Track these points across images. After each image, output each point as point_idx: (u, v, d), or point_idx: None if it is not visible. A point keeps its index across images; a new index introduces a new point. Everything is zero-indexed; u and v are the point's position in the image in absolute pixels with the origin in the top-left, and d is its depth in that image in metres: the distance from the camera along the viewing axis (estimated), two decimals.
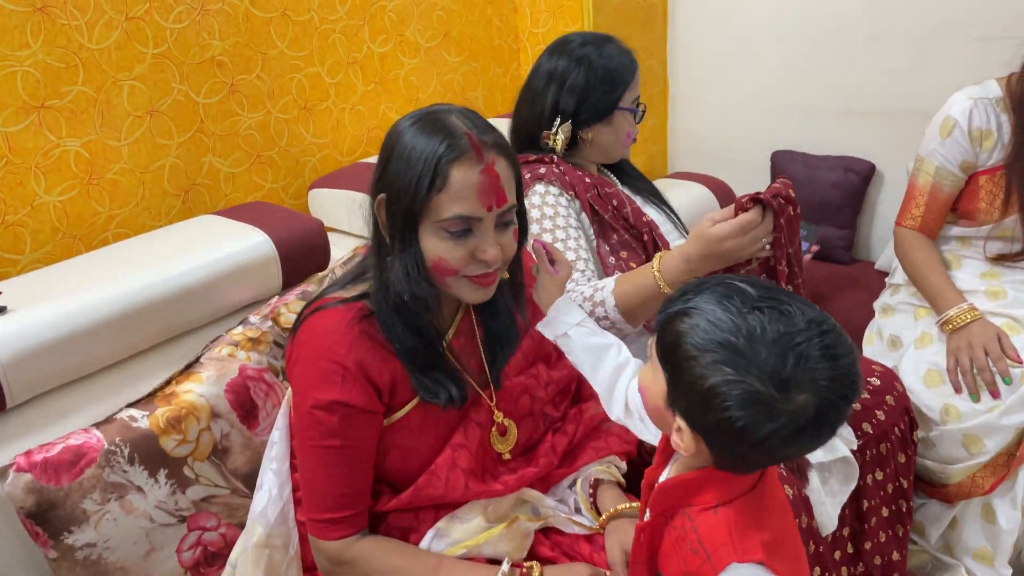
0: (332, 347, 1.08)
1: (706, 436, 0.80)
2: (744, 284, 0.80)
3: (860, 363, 0.78)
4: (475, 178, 1.04)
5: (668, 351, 0.81)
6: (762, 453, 0.78)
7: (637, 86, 1.60)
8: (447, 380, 1.14)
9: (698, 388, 0.76)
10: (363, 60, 2.18)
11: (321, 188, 2.00)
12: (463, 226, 1.05)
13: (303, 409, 1.10)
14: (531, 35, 2.61)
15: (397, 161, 1.05)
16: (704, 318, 0.77)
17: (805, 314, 0.77)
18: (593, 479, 1.29)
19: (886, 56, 2.27)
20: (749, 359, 0.74)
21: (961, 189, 1.79)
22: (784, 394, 0.73)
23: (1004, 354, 1.60)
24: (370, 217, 1.12)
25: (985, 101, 1.72)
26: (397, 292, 1.07)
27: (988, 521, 1.64)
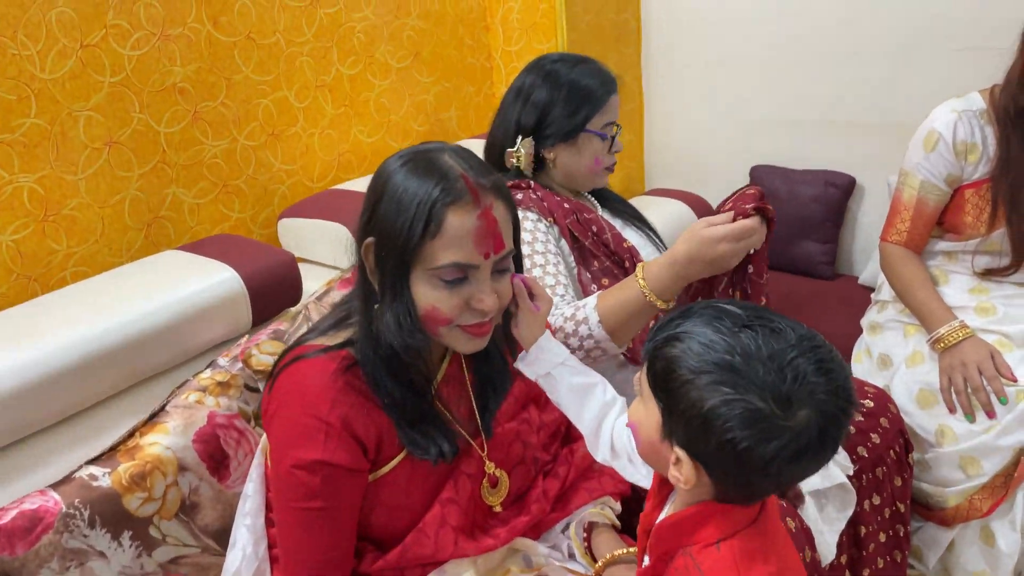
0: (314, 402, 1.01)
1: (707, 464, 0.77)
2: (731, 306, 0.79)
3: (851, 380, 0.77)
4: (472, 224, 0.97)
5: (661, 378, 0.79)
6: (766, 476, 0.75)
7: (612, 112, 1.52)
8: (438, 434, 1.07)
9: (696, 412, 0.74)
10: (332, 83, 2.12)
11: (291, 217, 1.93)
12: (458, 274, 0.99)
13: (282, 468, 1.03)
14: (504, 54, 2.57)
15: (388, 203, 0.98)
16: (696, 340, 0.76)
17: (796, 331, 0.76)
18: (587, 522, 1.23)
19: (865, 68, 2.25)
20: (747, 377, 0.73)
21: (947, 203, 1.76)
22: (785, 410, 0.72)
23: (998, 372, 1.56)
24: (356, 261, 1.05)
25: (969, 113, 1.70)
26: (388, 344, 1.00)
27: (987, 544, 1.60)
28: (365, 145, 2.24)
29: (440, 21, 2.39)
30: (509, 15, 2.51)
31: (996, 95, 1.68)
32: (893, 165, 1.86)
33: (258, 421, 1.33)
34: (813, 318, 2.12)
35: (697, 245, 1.22)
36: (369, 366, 1.03)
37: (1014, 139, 1.63)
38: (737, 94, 2.52)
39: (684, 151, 2.72)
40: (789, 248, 2.40)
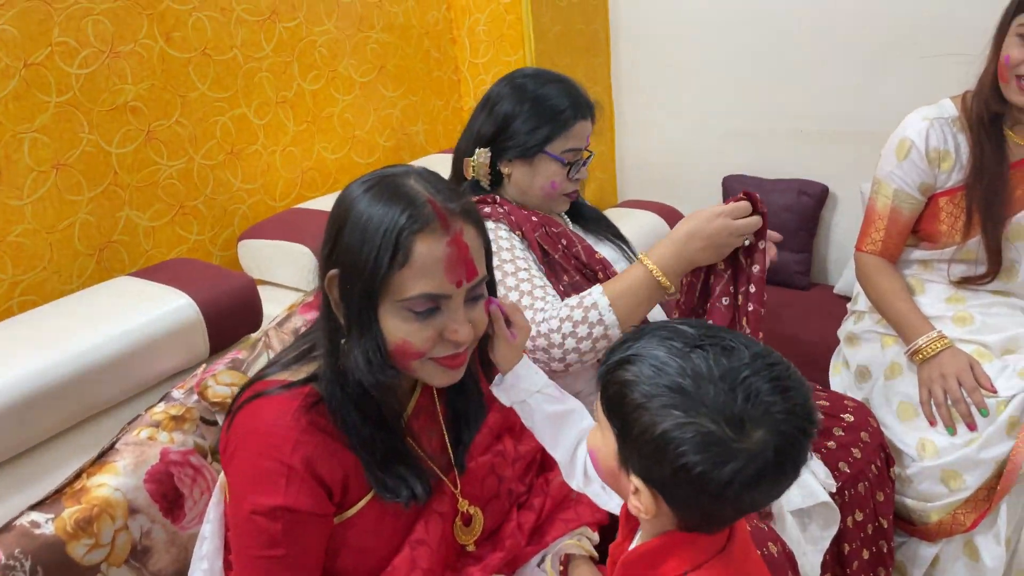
0: (276, 444, 0.95)
1: (664, 491, 0.75)
2: (683, 326, 0.78)
3: (813, 396, 0.76)
4: (441, 251, 0.92)
5: (614, 403, 0.77)
6: (725, 501, 0.73)
7: (577, 138, 1.45)
8: (410, 475, 1.01)
9: (649, 437, 0.72)
10: (293, 99, 2.06)
11: (252, 239, 1.87)
12: (430, 305, 0.93)
13: (241, 514, 0.96)
14: (471, 66, 2.52)
15: (351, 232, 0.92)
16: (647, 363, 0.74)
17: (750, 348, 0.74)
18: (564, 554, 1.18)
19: (835, 77, 2.23)
20: (698, 399, 0.71)
21: (921, 211, 1.74)
22: (739, 432, 0.70)
23: (978, 384, 1.54)
24: (320, 293, 0.99)
25: (941, 121, 1.68)
26: (356, 381, 0.95)
27: (971, 559, 1.57)
28: (329, 162, 2.18)
29: (405, 34, 2.34)
30: (476, 27, 2.47)
31: (968, 102, 1.66)
32: (866, 173, 1.83)
33: (215, 456, 1.27)
34: (789, 328, 2.09)
35: (695, 221, 1.26)
36: (336, 404, 0.97)
37: (987, 146, 1.61)
38: (708, 104, 2.50)
39: (656, 162, 2.69)
40: None
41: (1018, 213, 1.62)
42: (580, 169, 1.48)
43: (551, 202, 1.50)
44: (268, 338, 1.43)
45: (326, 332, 0.99)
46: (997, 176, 1.60)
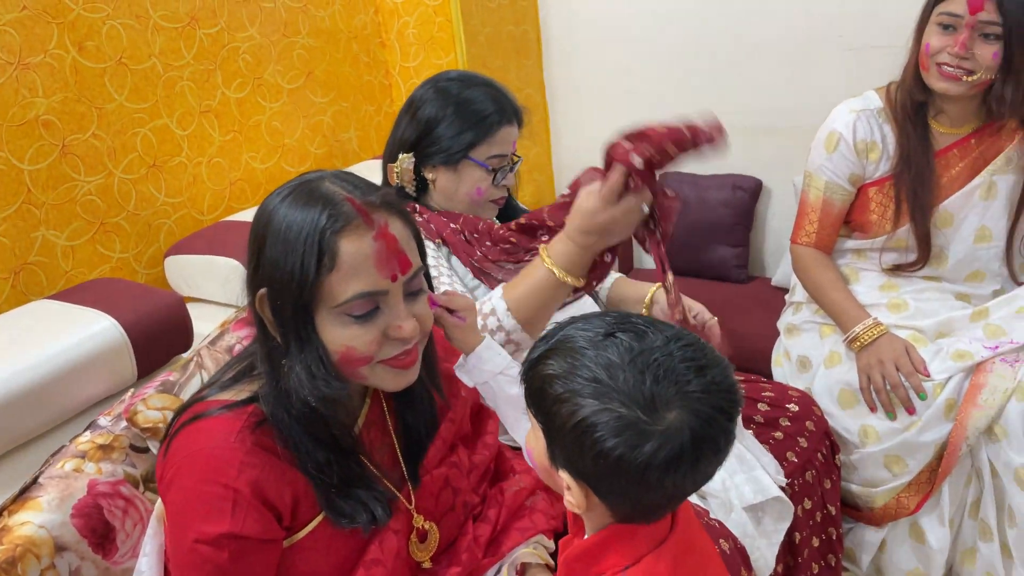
0: (219, 468, 0.89)
1: (591, 482, 0.76)
2: (599, 317, 0.80)
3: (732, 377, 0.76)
4: (369, 247, 0.88)
5: (536, 399, 0.78)
6: (648, 487, 0.73)
7: (502, 144, 1.42)
8: (368, 497, 0.97)
9: (569, 428, 0.74)
10: (218, 108, 1.99)
11: (179, 254, 1.80)
12: (368, 306, 0.89)
13: (184, 544, 0.90)
14: (403, 70, 2.48)
15: (273, 245, 0.88)
16: (564, 357, 0.76)
17: (663, 332, 0.76)
18: (520, 563, 1.16)
19: (764, 72, 2.27)
20: (611, 386, 0.72)
21: (852, 202, 1.77)
22: (651, 414, 0.71)
23: (914, 368, 1.57)
24: (253, 317, 0.94)
25: (868, 113, 1.71)
26: (302, 400, 0.90)
27: (917, 541, 1.60)
28: (259, 172, 2.12)
29: (332, 39, 2.29)
30: (405, 30, 2.43)
31: (892, 93, 1.70)
32: (798, 166, 1.86)
33: (147, 485, 1.20)
34: (730, 322, 2.10)
35: (580, 218, 1.18)
36: (284, 428, 0.92)
37: (912, 135, 1.65)
38: (641, 102, 2.51)
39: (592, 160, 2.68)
40: (702, 253, 2.40)
41: (945, 200, 1.67)
42: (506, 175, 1.45)
43: (477, 208, 1.47)
44: (200, 358, 1.37)
45: (264, 354, 0.94)
46: (923, 165, 1.64)
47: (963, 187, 1.66)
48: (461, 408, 1.16)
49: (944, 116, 1.66)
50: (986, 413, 1.50)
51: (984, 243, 1.68)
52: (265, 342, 0.93)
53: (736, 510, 1.35)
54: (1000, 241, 1.68)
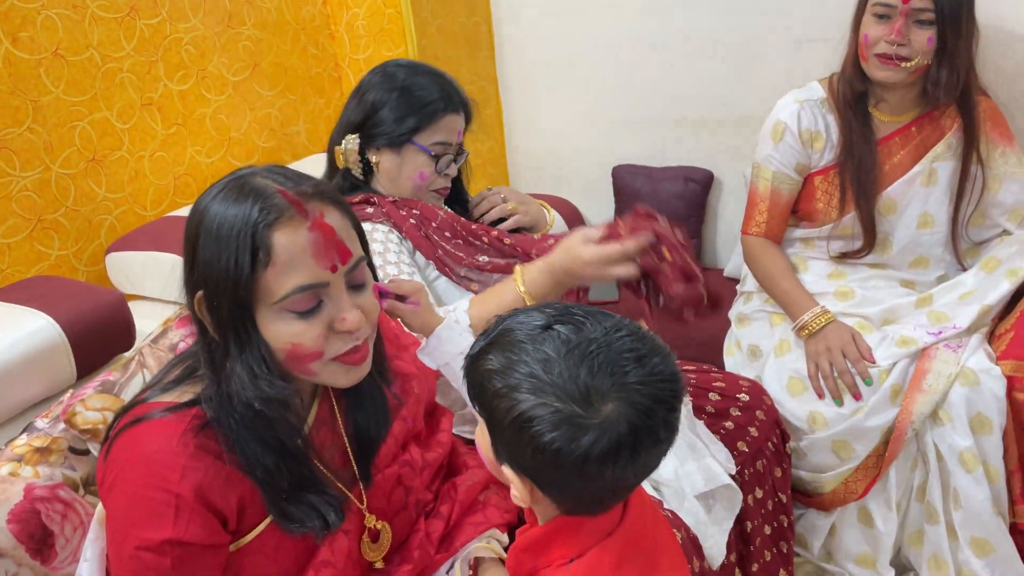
0: (161, 472, 0.86)
1: (532, 475, 0.76)
2: (538, 309, 0.79)
3: (674, 366, 0.76)
4: (304, 238, 0.86)
5: (478, 394, 0.78)
6: (589, 479, 0.73)
7: (447, 132, 1.44)
8: (321, 501, 0.94)
9: (508, 422, 0.74)
10: (160, 100, 1.93)
11: (121, 251, 1.75)
12: (310, 301, 0.87)
13: (125, 550, 0.88)
14: (352, 62, 2.45)
15: (206, 244, 0.85)
16: (503, 351, 0.76)
17: (602, 322, 0.76)
18: (473, 558, 1.15)
19: (712, 65, 2.28)
20: (548, 380, 0.72)
21: (799, 191, 1.80)
22: (587, 407, 0.71)
23: (861, 355, 1.60)
24: (193, 319, 0.91)
25: (811, 103, 1.74)
26: (245, 402, 0.87)
27: (866, 525, 1.63)
28: (204, 166, 2.07)
29: (279, 30, 2.24)
30: (354, 22, 2.39)
31: (834, 83, 1.73)
32: (745, 157, 1.88)
33: (88, 489, 1.17)
34: None
35: (570, 261, 1.23)
36: (229, 431, 0.90)
37: (855, 124, 1.69)
38: (594, 95, 2.51)
39: (546, 154, 2.69)
40: None
41: (888, 188, 1.70)
42: (449, 165, 1.47)
43: (421, 196, 1.48)
44: (143, 356, 1.33)
45: (205, 356, 0.91)
46: (866, 153, 1.68)
47: (905, 174, 1.69)
48: (414, 406, 1.14)
49: (885, 104, 1.70)
50: (931, 398, 1.53)
51: (927, 229, 1.72)
52: (206, 344, 0.91)
53: (688, 498, 1.36)
54: (942, 227, 1.72)
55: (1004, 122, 1.72)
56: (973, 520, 1.52)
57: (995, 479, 1.53)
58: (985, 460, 1.52)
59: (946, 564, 1.55)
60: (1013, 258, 1.64)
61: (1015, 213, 1.72)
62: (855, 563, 1.64)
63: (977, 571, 1.53)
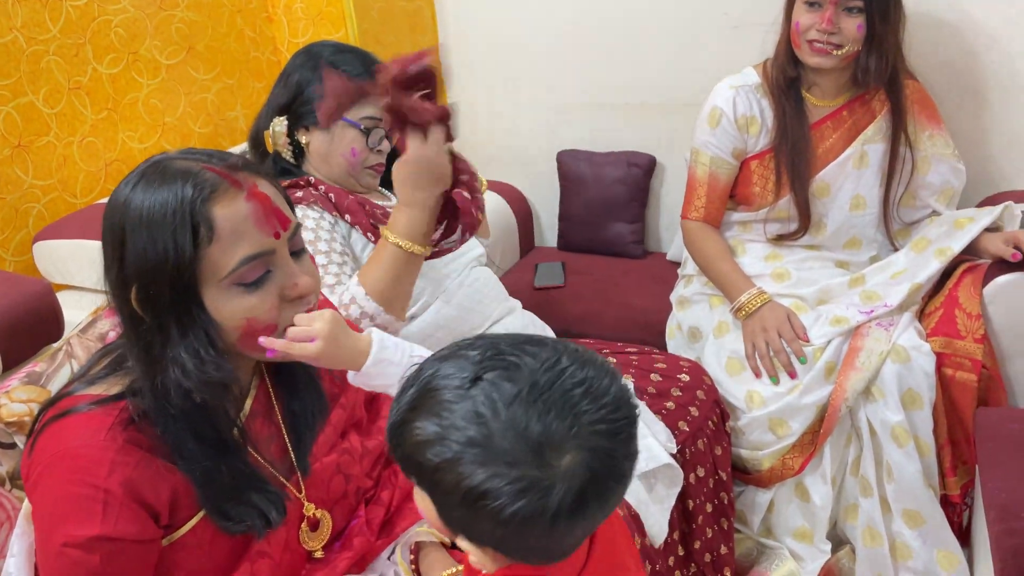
0: (88, 467, 0.84)
1: (494, 545, 0.68)
2: (465, 350, 0.69)
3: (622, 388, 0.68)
4: (244, 208, 0.85)
5: (411, 468, 0.69)
6: (560, 536, 0.67)
7: (377, 108, 1.42)
8: (263, 500, 0.93)
9: (460, 499, 0.65)
10: (89, 84, 1.87)
11: (49, 239, 1.69)
12: (259, 270, 0.87)
13: (51, 547, 0.85)
14: (292, 45, 2.40)
15: (135, 235, 0.83)
16: (430, 415, 0.66)
17: (536, 356, 0.66)
18: (414, 542, 1.14)
19: (651, 50, 2.30)
20: (489, 446, 0.63)
21: (736, 176, 1.82)
22: (543, 466, 0.63)
23: (795, 334, 1.63)
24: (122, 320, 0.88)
25: (746, 88, 1.77)
26: (184, 392, 0.85)
27: (803, 500, 1.67)
28: (137, 152, 2.01)
29: (214, 12, 2.19)
30: (292, 4, 2.35)
31: (768, 68, 1.75)
32: (686, 142, 1.90)
33: (14, 483, 1.14)
34: (627, 297, 2.14)
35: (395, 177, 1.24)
36: (164, 428, 0.87)
37: (788, 109, 1.72)
38: (537, 81, 2.51)
39: (491, 140, 2.68)
40: (600, 230, 2.42)
41: (821, 171, 1.73)
42: (381, 140, 1.46)
43: (356, 174, 1.46)
44: (71, 347, 1.29)
45: (138, 352, 0.88)
46: (800, 137, 1.71)
47: (837, 157, 1.73)
48: (352, 394, 1.13)
49: (817, 89, 1.73)
50: (863, 375, 1.57)
51: (859, 211, 1.76)
52: (138, 338, 0.87)
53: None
54: (874, 208, 1.76)
55: (932, 105, 1.77)
56: (905, 493, 1.57)
57: (926, 453, 1.57)
58: (916, 434, 1.57)
59: (880, 536, 1.60)
60: (942, 238, 1.69)
61: (943, 194, 1.78)
62: (793, 537, 1.68)
63: (909, 541, 1.58)
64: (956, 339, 1.59)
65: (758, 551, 1.72)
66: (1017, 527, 1.21)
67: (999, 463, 1.34)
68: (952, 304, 1.63)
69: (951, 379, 1.59)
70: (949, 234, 1.68)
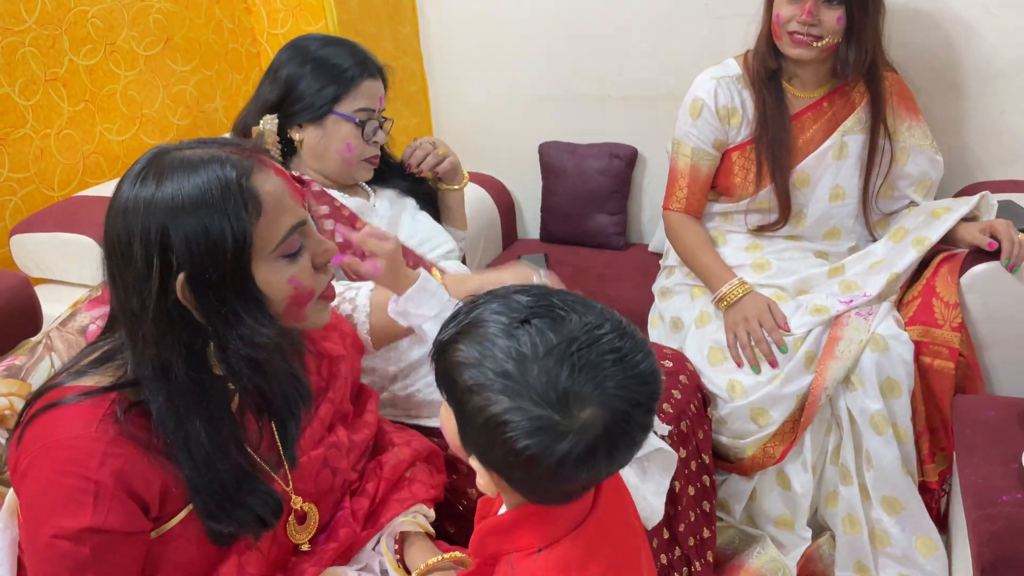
0: (79, 458, 0.84)
1: (501, 472, 0.74)
2: (518, 294, 0.74)
3: (654, 363, 0.72)
4: (279, 183, 0.91)
5: (446, 384, 0.75)
6: (562, 480, 0.71)
7: (367, 98, 1.42)
8: (259, 501, 0.94)
9: (480, 422, 0.70)
10: (66, 76, 1.85)
11: (26, 233, 1.67)
12: (299, 241, 0.92)
13: (41, 539, 0.85)
14: (271, 37, 2.38)
15: (182, 222, 0.83)
16: (474, 343, 0.72)
17: (583, 316, 0.71)
18: (399, 533, 1.15)
19: (633, 41, 2.30)
20: (523, 382, 0.69)
21: (718, 167, 1.83)
22: (565, 413, 0.68)
23: (776, 324, 1.64)
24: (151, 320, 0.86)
25: (727, 79, 1.77)
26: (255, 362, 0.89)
27: (784, 488, 1.69)
28: (115, 144, 1.99)
29: (192, 3, 2.16)
30: None
31: (749, 60, 1.76)
32: (668, 133, 1.90)
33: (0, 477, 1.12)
34: (610, 288, 2.15)
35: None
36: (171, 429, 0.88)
37: (769, 100, 1.72)
38: (519, 71, 2.50)
39: (473, 132, 2.68)
40: (582, 221, 2.43)
41: (802, 162, 1.75)
42: (376, 132, 1.45)
43: (350, 169, 1.45)
44: (50, 340, 1.28)
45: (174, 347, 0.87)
46: (780, 128, 1.72)
47: (817, 148, 1.74)
48: (341, 388, 1.14)
49: (797, 80, 1.74)
50: (843, 364, 1.58)
51: (839, 201, 1.77)
52: (178, 333, 0.87)
53: None
54: (853, 199, 1.77)
55: (910, 96, 1.78)
56: (884, 480, 1.59)
57: (904, 440, 1.59)
58: (895, 422, 1.59)
59: (859, 522, 1.62)
60: (920, 228, 1.70)
61: (921, 185, 1.79)
62: (775, 525, 1.70)
63: (888, 528, 1.60)
64: (934, 328, 1.61)
65: (740, 539, 1.74)
66: (993, 512, 1.23)
67: (976, 450, 1.36)
68: (930, 293, 1.65)
69: (929, 367, 1.61)
70: (927, 224, 1.70)
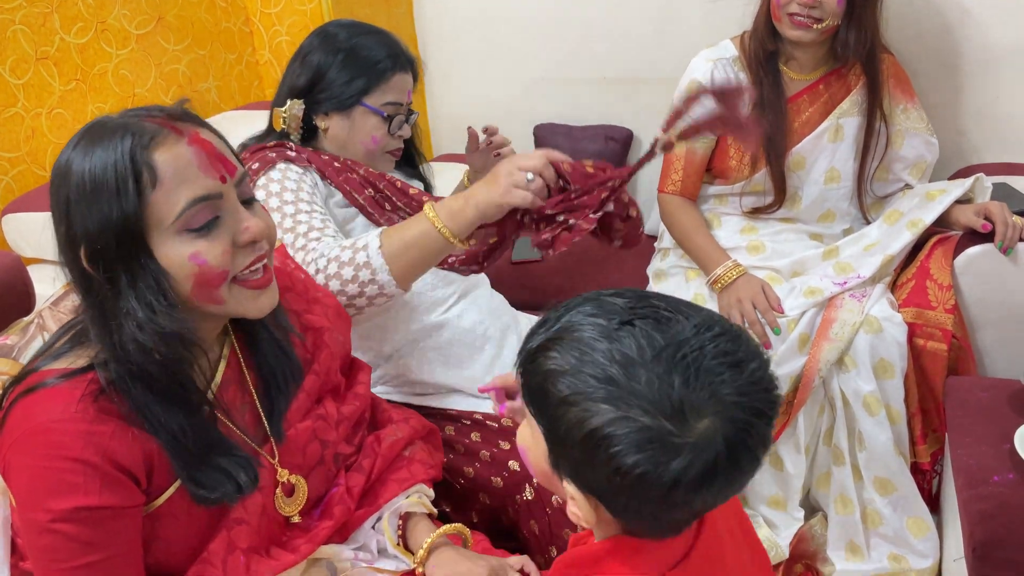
0: (63, 441, 0.84)
1: (602, 498, 0.65)
2: (611, 296, 0.67)
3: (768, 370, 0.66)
4: (187, 153, 0.85)
5: (536, 398, 0.66)
6: (673, 506, 0.63)
7: (397, 92, 1.40)
8: (231, 464, 0.93)
9: (578, 437, 0.62)
10: (57, 54, 1.83)
11: (18, 212, 1.66)
12: (208, 214, 0.86)
13: (38, 524, 0.85)
14: (264, 16, 2.36)
15: (80, 192, 0.83)
16: (570, 348, 0.64)
17: (690, 318, 0.64)
18: (402, 513, 1.15)
19: (630, 23, 2.29)
20: (629, 389, 0.61)
21: (713, 149, 1.83)
22: (680, 423, 0.60)
23: (770, 305, 1.65)
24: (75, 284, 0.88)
25: (724, 61, 1.76)
26: (143, 348, 0.84)
27: (777, 468, 1.69)
28: None
29: None
30: None
31: (746, 42, 1.75)
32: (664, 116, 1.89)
33: None
34: (605, 270, 2.15)
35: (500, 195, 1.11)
36: (129, 394, 0.87)
37: (766, 82, 1.72)
38: (515, 53, 2.49)
39: (468, 114, 2.66)
40: None
41: (797, 144, 1.74)
42: (402, 125, 1.43)
43: (373, 160, 1.44)
44: (43, 319, 1.27)
45: (95, 316, 0.87)
46: (777, 110, 1.71)
47: (813, 131, 1.74)
48: (327, 360, 1.13)
49: (794, 62, 1.73)
50: (837, 346, 1.59)
51: (834, 184, 1.77)
52: (95, 303, 0.87)
53: None
54: (848, 181, 1.77)
55: (906, 79, 1.78)
56: (876, 461, 1.59)
57: (897, 421, 1.60)
58: (887, 403, 1.59)
59: (851, 503, 1.63)
60: (914, 210, 1.70)
61: (916, 168, 1.79)
62: (767, 505, 1.71)
63: (880, 509, 1.61)
64: (927, 310, 1.62)
65: None
66: (985, 492, 1.23)
67: (968, 431, 1.37)
68: (924, 275, 1.65)
69: (922, 349, 1.62)
70: (921, 206, 1.70)
